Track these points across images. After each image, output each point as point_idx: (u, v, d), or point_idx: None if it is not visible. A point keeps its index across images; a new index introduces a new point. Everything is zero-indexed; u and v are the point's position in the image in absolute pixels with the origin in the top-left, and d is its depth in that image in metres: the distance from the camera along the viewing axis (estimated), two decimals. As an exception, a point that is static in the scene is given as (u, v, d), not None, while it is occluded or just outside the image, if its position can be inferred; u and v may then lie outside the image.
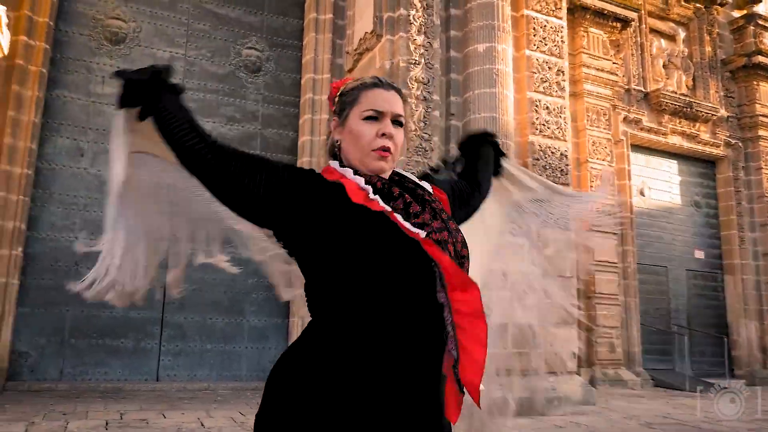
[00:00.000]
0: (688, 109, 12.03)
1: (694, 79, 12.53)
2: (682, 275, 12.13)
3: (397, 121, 1.43)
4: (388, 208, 1.31)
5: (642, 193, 11.99)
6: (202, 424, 5.44)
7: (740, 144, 12.85)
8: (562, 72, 8.77)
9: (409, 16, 7.69)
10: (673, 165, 12.54)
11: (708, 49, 12.77)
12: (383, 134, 1.40)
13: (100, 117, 8.04)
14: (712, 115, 12.37)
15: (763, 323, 12.18)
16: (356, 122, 1.42)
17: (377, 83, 1.45)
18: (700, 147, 12.42)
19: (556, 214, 2.17)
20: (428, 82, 7.66)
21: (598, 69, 10.90)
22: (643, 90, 11.83)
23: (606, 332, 10.12)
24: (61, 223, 7.73)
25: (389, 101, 1.43)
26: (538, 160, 8.34)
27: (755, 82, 12.92)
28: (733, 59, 12.94)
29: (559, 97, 8.68)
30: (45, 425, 5.10)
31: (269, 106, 9.09)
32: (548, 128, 8.49)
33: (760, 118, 12.79)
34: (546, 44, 8.65)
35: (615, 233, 10.46)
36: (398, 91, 1.47)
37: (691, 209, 12.63)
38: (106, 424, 5.29)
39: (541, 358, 7.32)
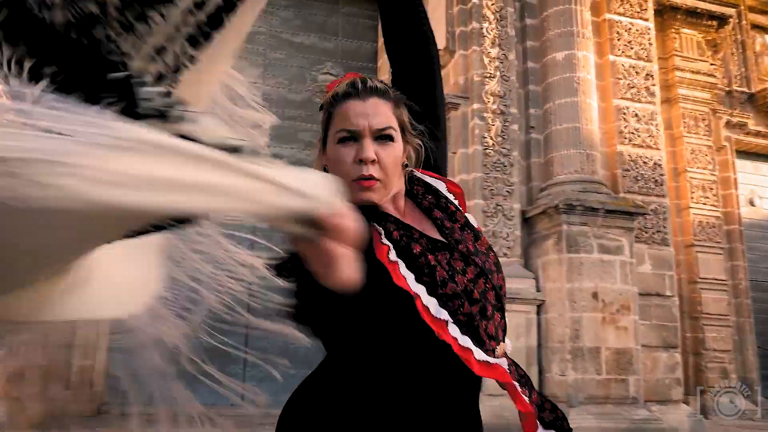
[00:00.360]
0: None
1: (808, 76, 11.40)
2: (803, 292, 10.93)
3: (385, 136, 1.14)
4: (415, 288, 1.07)
5: (752, 203, 10.98)
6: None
7: None
8: (652, 76, 8.23)
9: (482, 29, 7.46)
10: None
11: (823, 41, 11.62)
12: (360, 160, 1.11)
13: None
14: None
15: None
16: (332, 146, 1.17)
17: (349, 92, 1.16)
18: None
19: None
20: (504, 95, 7.38)
21: (693, 71, 10.13)
22: (748, 91, 10.89)
23: (717, 356, 9.22)
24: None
25: (365, 113, 1.13)
26: (628, 171, 7.81)
27: None
28: None
29: (650, 103, 8.12)
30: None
31: (346, 130, 9.09)
32: (638, 136, 7.94)
33: None
34: (632, 48, 8.14)
35: (722, 248, 9.63)
36: (382, 94, 1.17)
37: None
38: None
39: (641, 384, 6.73)
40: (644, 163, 7.89)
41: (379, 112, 1.14)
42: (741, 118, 10.72)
